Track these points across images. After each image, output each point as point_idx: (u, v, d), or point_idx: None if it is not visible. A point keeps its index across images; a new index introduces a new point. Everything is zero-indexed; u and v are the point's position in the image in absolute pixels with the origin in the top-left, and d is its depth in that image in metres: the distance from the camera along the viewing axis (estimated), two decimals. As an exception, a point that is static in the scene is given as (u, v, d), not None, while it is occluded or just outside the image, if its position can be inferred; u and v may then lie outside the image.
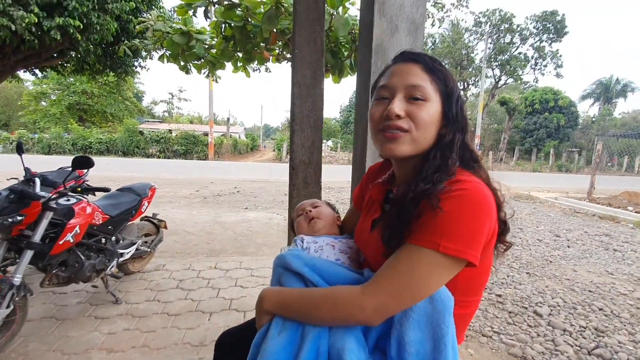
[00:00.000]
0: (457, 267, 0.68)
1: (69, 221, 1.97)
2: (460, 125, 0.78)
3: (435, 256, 0.65)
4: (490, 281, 3.25)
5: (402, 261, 0.68)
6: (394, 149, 0.77)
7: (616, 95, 37.54)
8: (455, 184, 0.69)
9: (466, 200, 0.65)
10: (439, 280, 0.67)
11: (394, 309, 0.68)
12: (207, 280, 2.85)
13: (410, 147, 0.77)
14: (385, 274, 0.69)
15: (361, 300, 0.68)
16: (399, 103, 0.76)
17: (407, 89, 0.76)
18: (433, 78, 0.77)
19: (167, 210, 5.65)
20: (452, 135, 0.76)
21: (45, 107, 25.62)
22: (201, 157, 21.28)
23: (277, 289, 0.82)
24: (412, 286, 0.66)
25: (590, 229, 5.74)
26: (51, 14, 5.62)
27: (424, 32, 1.38)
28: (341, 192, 8.66)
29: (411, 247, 0.68)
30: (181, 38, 3.05)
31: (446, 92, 0.77)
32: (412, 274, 0.66)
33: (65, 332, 2.04)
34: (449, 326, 0.68)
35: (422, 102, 0.75)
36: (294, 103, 1.68)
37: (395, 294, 0.67)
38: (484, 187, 0.69)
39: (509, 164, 26.31)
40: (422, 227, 0.68)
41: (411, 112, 0.75)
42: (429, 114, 0.75)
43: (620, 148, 13.09)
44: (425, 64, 0.78)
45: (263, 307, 0.81)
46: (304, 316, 0.75)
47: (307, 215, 1.07)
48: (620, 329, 2.48)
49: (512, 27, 23.45)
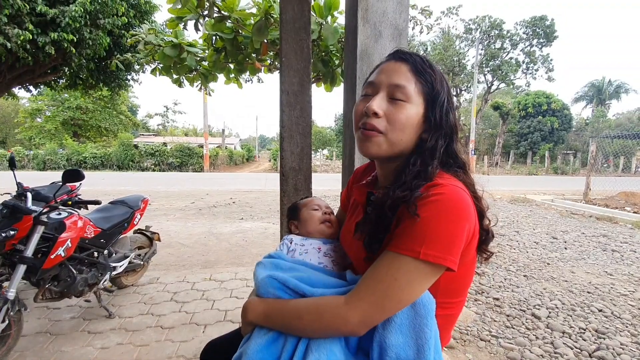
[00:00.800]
0: (438, 272, 0.67)
1: (60, 235, 1.96)
2: (445, 131, 0.75)
3: (415, 264, 0.64)
4: (487, 285, 3.24)
5: (383, 270, 0.67)
6: (369, 148, 0.76)
7: (609, 97, 38.02)
8: (433, 188, 0.67)
9: (443, 205, 0.64)
10: (421, 287, 0.67)
11: (378, 318, 0.67)
12: (201, 292, 2.82)
13: (385, 148, 0.75)
14: (367, 283, 0.68)
15: (345, 312, 0.67)
16: (379, 101, 0.74)
17: (390, 88, 0.75)
18: (419, 79, 0.74)
19: (162, 223, 5.62)
20: (435, 141, 0.74)
21: (40, 124, 25.63)
22: (196, 169, 21.27)
23: (260, 300, 0.80)
24: (395, 295, 0.65)
25: (588, 230, 5.75)
26: (45, 31, 5.68)
27: (407, 38, 1.40)
28: (337, 200, 8.61)
29: (392, 254, 0.67)
30: (173, 51, 3.08)
31: (431, 95, 0.74)
32: (394, 282, 0.65)
33: (60, 347, 2.01)
34: (431, 330, 0.67)
35: (402, 103, 0.73)
36: (282, 110, 1.69)
37: (378, 304, 0.66)
38: (461, 190, 0.68)
39: (505, 168, 26.47)
40: (401, 234, 0.67)
41: (389, 113, 0.74)
42: (407, 116, 0.73)
43: (615, 149, 13.19)
44: (413, 65, 0.75)
45: (247, 318, 0.80)
46: (288, 328, 0.73)
47: (325, 217, 1.05)
48: (622, 330, 2.45)
49: (502, 33, 23.87)
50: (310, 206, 1.07)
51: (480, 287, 3.19)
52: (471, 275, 0.78)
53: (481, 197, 0.75)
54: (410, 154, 0.77)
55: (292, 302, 0.75)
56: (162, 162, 21.08)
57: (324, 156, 29.57)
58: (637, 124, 32.73)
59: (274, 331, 0.74)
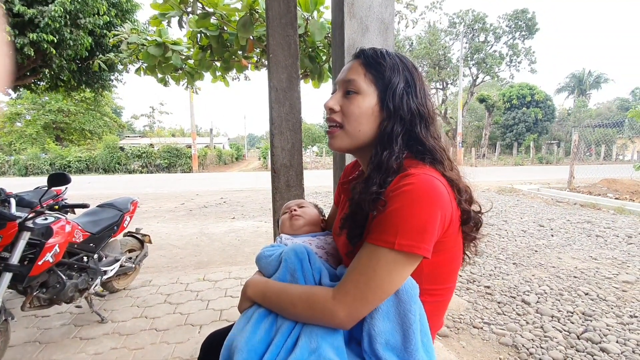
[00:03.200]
0: (415, 261, 0.68)
1: (47, 241, 1.91)
2: (402, 116, 0.75)
3: (392, 255, 0.66)
4: (478, 274, 3.30)
5: (363, 263, 0.69)
6: (333, 144, 0.82)
7: (590, 87, 38.95)
8: (404, 178, 0.68)
9: (414, 194, 0.65)
10: (400, 276, 0.68)
11: (364, 311, 0.69)
12: (195, 293, 2.80)
13: (346, 141, 0.80)
14: (350, 278, 0.70)
15: (332, 306, 0.69)
16: (335, 97, 0.80)
17: (344, 84, 0.79)
18: (369, 70, 0.77)
19: (152, 225, 5.54)
20: (391, 128, 0.75)
21: (20, 128, 24.88)
22: (185, 169, 21.01)
23: (262, 280, 0.85)
24: (377, 287, 0.67)
25: (573, 217, 5.90)
26: (23, 32, 5.50)
27: (394, 31, 1.41)
28: (328, 196, 8.67)
29: (370, 247, 0.69)
30: (157, 50, 3.02)
31: (383, 84, 0.76)
32: (375, 274, 0.67)
33: (50, 356, 1.97)
34: (415, 314, 0.69)
35: (354, 95, 0.77)
36: (272, 107, 1.69)
37: (362, 297, 0.67)
38: (433, 178, 0.68)
39: (492, 160, 26.89)
40: (377, 226, 0.68)
41: (343, 106, 0.79)
42: (359, 107, 0.77)
43: (596, 138, 13.53)
44: (364, 58, 0.79)
45: (246, 294, 0.85)
46: (281, 310, 0.77)
47: (290, 214, 1.10)
48: (607, 312, 2.54)
49: (486, 26, 24.14)
50: (282, 212, 1.16)
51: (471, 276, 3.25)
52: (456, 262, 0.78)
53: (457, 179, 0.74)
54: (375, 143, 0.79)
55: (289, 287, 0.78)
56: (150, 164, 20.76)
57: (314, 153, 29.55)
58: (616, 113, 33.63)
59: (265, 315, 0.78)
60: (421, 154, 0.76)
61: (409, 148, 0.77)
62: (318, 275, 0.79)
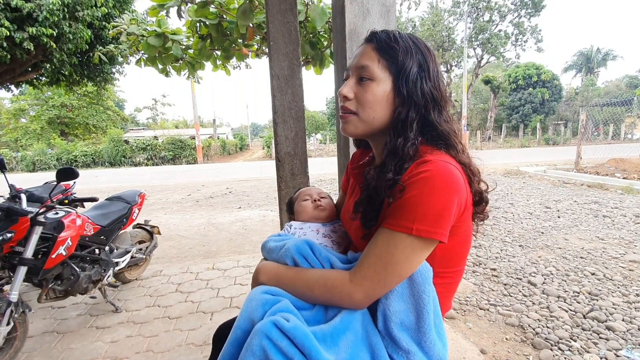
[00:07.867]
0: (431, 246, 0.70)
1: (59, 234, 1.95)
2: (417, 102, 0.75)
3: (410, 239, 0.67)
4: (484, 256, 3.32)
5: (380, 247, 0.70)
6: (346, 129, 0.82)
7: (598, 64, 38.06)
8: (421, 165, 0.69)
9: (432, 181, 0.66)
10: (417, 260, 0.70)
11: (380, 293, 0.72)
12: (205, 282, 2.86)
13: (361, 127, 0.80)
14: (367, 261, 0.71)
15: (350, 289, 0.71)
16: (350, 84, 0.79)
17: (357, 71, 0.78)
18: (382, 56, 0.76)
19: (161, 217, 5.61)
20: (406, 114, 0.75)
21: (25, 124, 25.05)
22: (190, 161, 21.09)
23: (274, 265, 0.85)
24: (394, 271, 0.69)
25: (580, 198, 5.86)
26: (22, 27, 5.48)
27: (395, 14, 1.38)
28: (333, 183, 8.69)
29: (387, 232, 0.70)
30: (156, 40, 3.00)
31: (397, 68, 0.75)
32: (392, 258, 0.68)
33: (68, 345, 2.04)
34: (429, 295, 0.71)
35: (368, 82, 0.76)
36: (274, 96, 1.68)
37: (380, 280, 0.70)
38: (449, 164, 0.69)
39: (497, 142, 26.61)
40: (394, 211, 0.69)
41: (358, 94, 0.78)
42: (373, 94, 0.76)
43: (604, 117, 13.29)
44: (377, 43, 0.77)
45: (259, 279, 0.84)
46: (298, 294, 0.78)
47: (316, 203, 1.08)
48: (613, 291, 2.55)
49: (490, 4, 23.51)
50: (301, 198, 1.12)
51: (477, 259, 3.27)
52: (467, 246, 0.81)
53: (468, 162, 0.75)
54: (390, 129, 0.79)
55: (304, 271, 0.79)
56: (155, 156, 20.86)
57: (318, 140, 29.43)
58: (625, 91, 32.90)
59: None
60: (435, 139, 0.76)
61: (423, 134, 0.77)
62: (327, 264, 0.80)
